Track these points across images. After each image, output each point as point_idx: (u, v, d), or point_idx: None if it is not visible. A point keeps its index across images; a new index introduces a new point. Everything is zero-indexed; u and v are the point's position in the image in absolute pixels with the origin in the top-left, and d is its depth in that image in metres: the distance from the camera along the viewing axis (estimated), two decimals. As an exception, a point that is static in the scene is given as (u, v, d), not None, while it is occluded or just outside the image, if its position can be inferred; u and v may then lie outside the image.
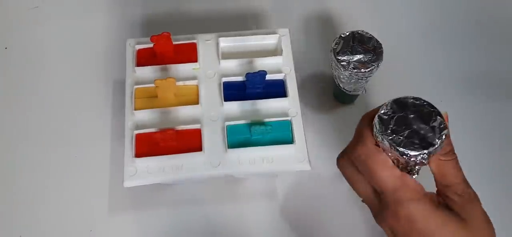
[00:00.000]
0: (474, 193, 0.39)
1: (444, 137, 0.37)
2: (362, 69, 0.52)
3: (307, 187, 0.55)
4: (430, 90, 0.62)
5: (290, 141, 0.50)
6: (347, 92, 0.57)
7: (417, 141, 0.37)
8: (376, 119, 0.38)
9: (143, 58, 0.54)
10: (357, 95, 0.59)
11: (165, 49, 0.53)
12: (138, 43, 0.54)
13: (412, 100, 0.39)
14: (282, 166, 0.49)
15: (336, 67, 0.53)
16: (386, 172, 0.38)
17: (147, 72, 0.53)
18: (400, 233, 0.38)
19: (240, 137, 0.50)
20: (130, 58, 0.54)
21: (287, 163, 0.49)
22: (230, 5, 0.68)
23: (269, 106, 0.52)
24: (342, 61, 0.52)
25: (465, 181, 0.39)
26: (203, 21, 0.66)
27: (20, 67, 0.63)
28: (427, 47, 0.66)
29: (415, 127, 0.37)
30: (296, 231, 0.53)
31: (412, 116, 0.38)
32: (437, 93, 0.62)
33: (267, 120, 0.50)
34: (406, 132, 0.37)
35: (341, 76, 0.54)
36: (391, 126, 0.37)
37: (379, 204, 0.40)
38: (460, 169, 0.39)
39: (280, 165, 0.49)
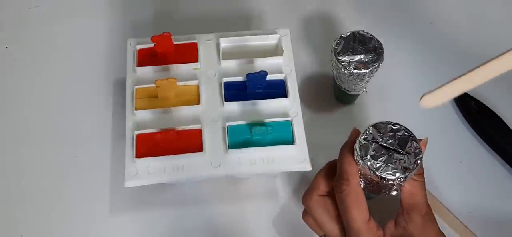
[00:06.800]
0: (433, 215, 0.43)
1: (419, 162, 0.40)
2: (363, 69, 0.52)
3: (308, 187, 0.55)
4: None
5: (290, 141, 0.50)
6: (347, 92, 0.57)
7: (394, 166, 0.39)
8: (357, 145, 0.41)
9: (144, 58, 0.54)
10: (358, 95, 0.59)
11: (165, 49, 0.53)
12: (139, 43, 0.54)
13: (390, 125, 0.41)
14: (283, 166, 0.49)
15: (337, 67, 0.53)
16: (357, 213, 0.41)
17: (148, 72, 0.53)
18: None
19: (241, 138, 0.50)
20: (130, 58, 0.54)
21: (288, 163, 0.49)
22: (230, 5, 0.68)
23: (270, 106, 0.52)
24: (343, 61, 0.52)
25: (427, 202, 0.43)
26: (203, 21, 0.66)
27: (20, 67, 0.63)
28: (428, 47, 0.66)
29: (392, 152, 0.40)
30: (296, 231, 0.53)
31: (390, 141, 0.40)
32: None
33: (267, 120, 0.50)
34: (385, 157, 0.40)
35: (342, 76, 0.54)
36: (371, 151, 0.40)
37: None
38: (425, 191, 0.43)
39: (280, 165, 0.49)
